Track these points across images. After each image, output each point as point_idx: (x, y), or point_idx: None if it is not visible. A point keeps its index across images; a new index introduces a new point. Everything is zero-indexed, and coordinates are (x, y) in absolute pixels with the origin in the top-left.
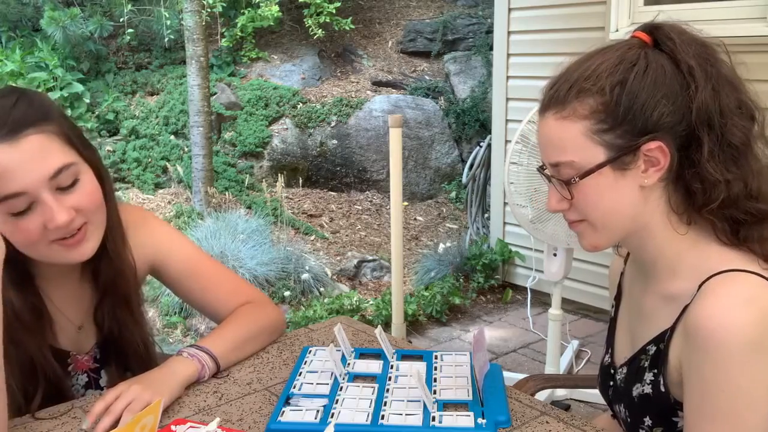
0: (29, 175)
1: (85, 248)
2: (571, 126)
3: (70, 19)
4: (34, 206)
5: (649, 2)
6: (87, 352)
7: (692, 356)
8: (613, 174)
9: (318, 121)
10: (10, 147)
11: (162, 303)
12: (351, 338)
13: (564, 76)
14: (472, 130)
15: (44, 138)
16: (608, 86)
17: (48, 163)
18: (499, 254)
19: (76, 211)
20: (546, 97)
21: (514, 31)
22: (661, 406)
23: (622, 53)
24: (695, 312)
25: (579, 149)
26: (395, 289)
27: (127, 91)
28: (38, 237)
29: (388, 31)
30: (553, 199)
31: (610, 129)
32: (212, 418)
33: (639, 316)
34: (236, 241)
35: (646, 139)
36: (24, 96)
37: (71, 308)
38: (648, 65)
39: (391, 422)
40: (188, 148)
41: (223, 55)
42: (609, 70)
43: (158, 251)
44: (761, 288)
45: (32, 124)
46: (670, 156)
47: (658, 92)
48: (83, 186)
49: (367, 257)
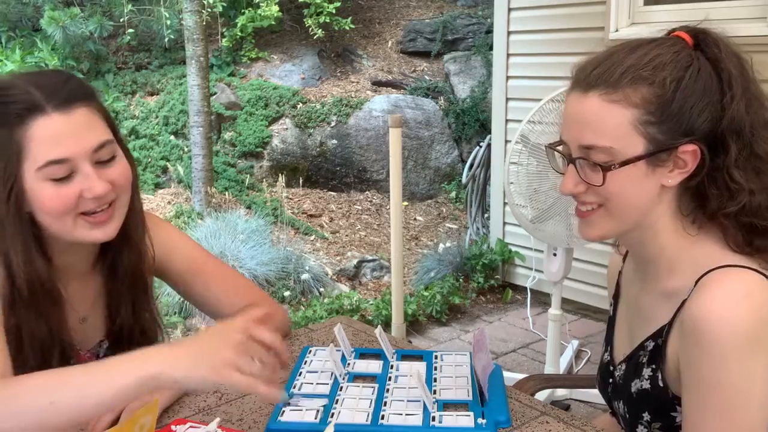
0: (76, 145)
1: (109, 228)
2: (620, 111)
3: (70, 19)
4: (74, 175)
5: (649, 2)
6: (89, 349)
7: (689, 351)
8: (645, 168)
9: (318, 121)
10: (62, 116)
11: (162, 303)
12: (351, 338)
13: (613, 60)
14: (472, 130)
15: (91, 113)
16: (668, 79)
17: (93, 136)
18: (499, 254)
19: (111, 185)
20: (591, 75)
21: (514, 31)
22: (659, 401)
23: (676, 51)
24: (692, 307)
25: (621, 137)
26: (395, 289)
27: (127, 91)
28: (73, 205)
29: (388, 31)
30: (571, 181)
31: (657, 123)
32: (212, 418)
33: (638, 314)
34: (236, 241)
35: (686, 140)
36: (72, 75)
37: (77, 300)
38: (700, 69)
39: (391, 422)
40: (188, 148)
41: (223, 55)
42: (667, 64)
43: (161, 249)
44: (758, 284)
45: (82, 98)
46: (700, 161)
47: (706, 97)
48: (118, 163)
49: (367, 257)
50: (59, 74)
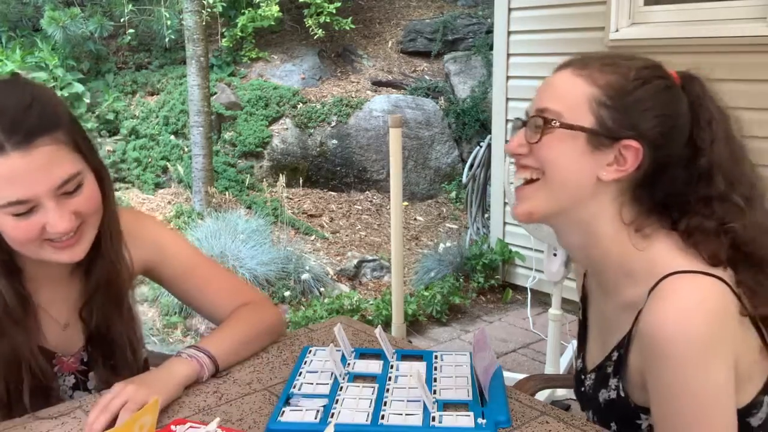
0: (37, 185)
1: (76, 251)
2: (582, 85)
3: (71, 19)
4: (37, 209)
5: (649, 2)
6: (73, 354)
7: (651, 363)
8: (584, 146)
9: (318, 121)
10: (22, 156)
11: (162, 303)
12: (351, 338)
13: (597, 53)
14: (472, 130)
15: (55, 149)
16: (634, 74)
17: (56, 173)
18: (499, 254)
19: (75, 215)
20: (571, 58)
21: (514, 31)
22: (624, 410)
23: (658, 68)
24: (648, 319)
25: (573, 106)
26: (395, 289)
27: (127, 91)
28: (36, 235)
29: (388, 31)
30: (516, 141)
31: (611, 107)
32: (212, 418)
33: (605, 323)
34: (236, 241)
35: (631, 134)
36: (37, 97)
37: (57, 307)
38: (670, 88)
39: (391, 422)
40: (188, 148)
41: (223, 55)
42: (641, 66)
43: (154, 252)
44: (711, 288)
45: (45, 131)
46: (639, 162)
47: (663, 110)
48: (85, 191)
49: (367, 257)
50: (23, 96)
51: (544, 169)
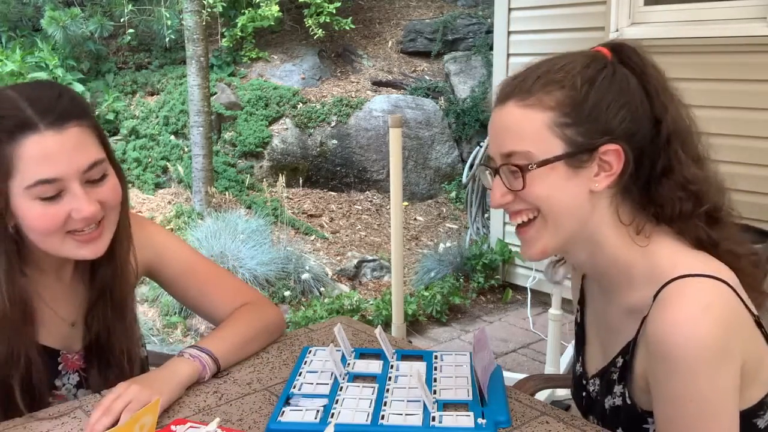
0: (67, 164)
1: (99, 245)
2: (535, 115)
3: (71, 19)
4: (63, 194)
5: (649, 2)
6: (77, 351)
7: (657, 369)
8: (566, 171)
9: (318, 121)
10: (55, 134)
11: (162, 303)
12: (351, 338)
13: (529, 70)
14: (472, 130)
15: (84, 132)
16: (579, 81)
17: (85, 155)
18: (499, 254)
19: (100, 205)
20: (508, 87)
21: (514, 31)
22: (631, 416)
23: (591, 57)
24: (654, 325)
25: (538, 140)
26: (395, 289)
27: (127, 91)
28: (61, 224)
29: (388, 31)
30: (497, 192)
31: (573, 124)
32: (212, 418)
33: (607, 328)
34: (236, 241)
35: (605, 140)
36: (66, 90)
37: (64, 305)
38: (615, 71)
39: (391, 422)
40: (188, 148)
41: (223, 55)
42: (579, 67)
43: (154, 253)
44: (716, 292)
45: (75, 116)
46: (624, 162)
47: (622, 98)
48: (109, 182)
49: (367, 257)
50: (53, 88)
51: (538, 207)
